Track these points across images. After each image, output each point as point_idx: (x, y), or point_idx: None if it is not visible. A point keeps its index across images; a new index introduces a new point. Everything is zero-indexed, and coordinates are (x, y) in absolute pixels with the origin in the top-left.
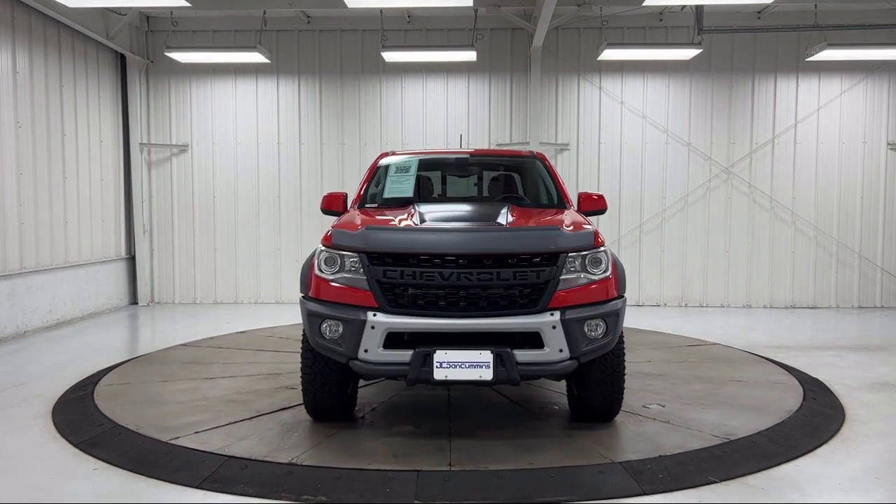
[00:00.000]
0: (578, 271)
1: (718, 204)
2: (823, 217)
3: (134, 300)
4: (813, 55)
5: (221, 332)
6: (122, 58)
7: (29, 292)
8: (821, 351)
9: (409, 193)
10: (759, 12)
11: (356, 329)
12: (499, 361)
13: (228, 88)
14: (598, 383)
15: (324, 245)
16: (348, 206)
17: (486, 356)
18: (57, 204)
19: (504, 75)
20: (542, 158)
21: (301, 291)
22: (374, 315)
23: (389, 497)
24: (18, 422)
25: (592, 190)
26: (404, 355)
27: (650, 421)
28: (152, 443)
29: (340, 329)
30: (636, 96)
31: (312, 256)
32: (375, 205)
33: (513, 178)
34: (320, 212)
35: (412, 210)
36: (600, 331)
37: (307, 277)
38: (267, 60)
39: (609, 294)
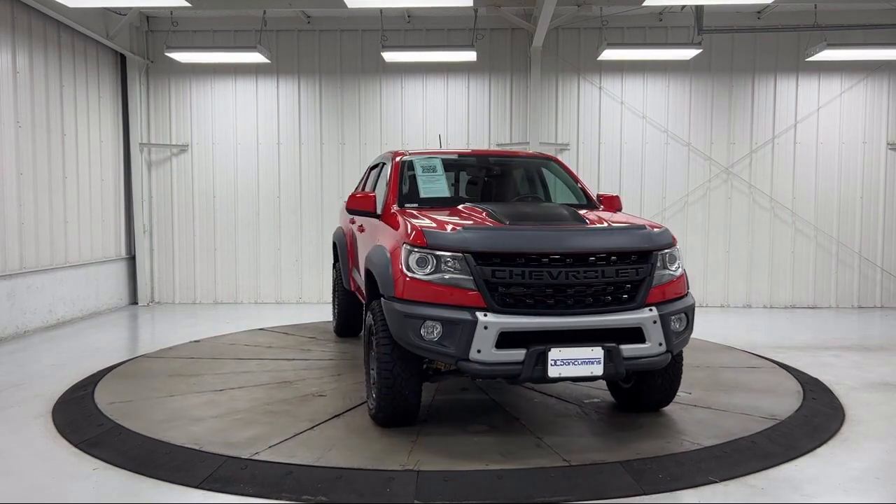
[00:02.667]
0: (661, 268)
1: (718, 204)
2: (823, 217)
3: (134, 300)
4: (813, 55)
5: (221, 331)
6: (122, 58)
7: (29, 292)
8: (821, 351)
9: (447, 193)
10: (759, 12)
11: (467, 330)
12: (608, 357)
13: (228, 88)
14: (661, 374)
15: (414, 245)
16: (378, 208)
17: (598, 352)
18: (57, 204)
19: (504, 75)
20: (557, 161)
21: (382, 292)
22: (485, 315)
23: (389, 497)
24: (18, 422)
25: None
26: (517, 354)
27: (692, 408)
28: (152, 442)
29: (443, 329)
30: (636, 96)
31: (394, 256)
32: (416, 204)
33: (535, 178)
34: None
35: (479, 209)
36: (682, 325)
37: (390, 278)
38: (267, 60)
39: (684, 290)
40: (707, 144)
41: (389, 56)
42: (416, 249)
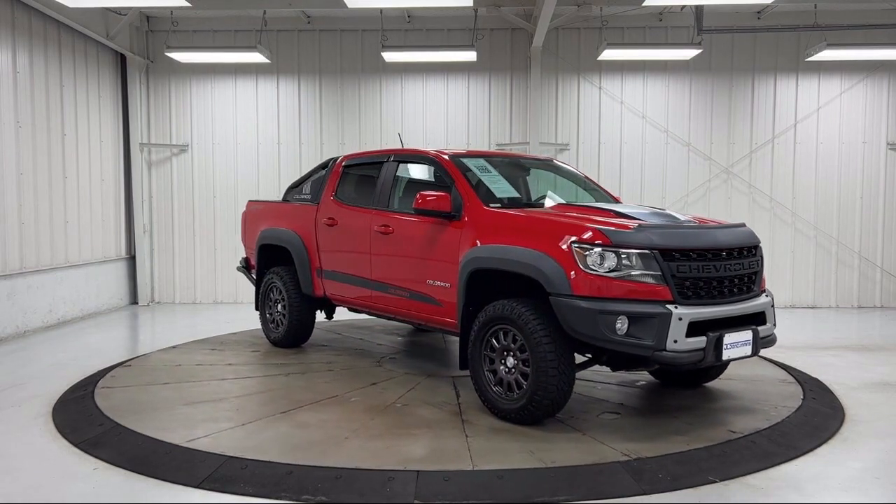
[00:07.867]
0: None
1: (718, 204)
2: (823, 217)
3: (134, 300)
4: (813, 55)
5: (221, 331)
6: (122, 58)
7: (29, 292)
8: (821, 351)
9: (514, 192)
10: (759, 12)
11: (664, 322)
12: (754, 338)
13: (228, 88)
14: None
15: (593, 244)
16: (451, 208)
17: (749, 335)
18: (57, 204)
19: (504, 75)
20: (568, 165)
21: (551, 291)
22: (676, 307)
23: (389, 497)
24: (18, 422)
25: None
26: (700, 341)
27: (723, 381)
28: (152, 442)
29: (633, 323)
30: (636, 96)
31: (559, 255)
32: (498, 205)
33: (552, 179)
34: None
35: (602, 209)
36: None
37: (562, 276)
38: (267, 60)
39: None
40: (707, 144)
41: (389, 56)
42: (596, 248)
